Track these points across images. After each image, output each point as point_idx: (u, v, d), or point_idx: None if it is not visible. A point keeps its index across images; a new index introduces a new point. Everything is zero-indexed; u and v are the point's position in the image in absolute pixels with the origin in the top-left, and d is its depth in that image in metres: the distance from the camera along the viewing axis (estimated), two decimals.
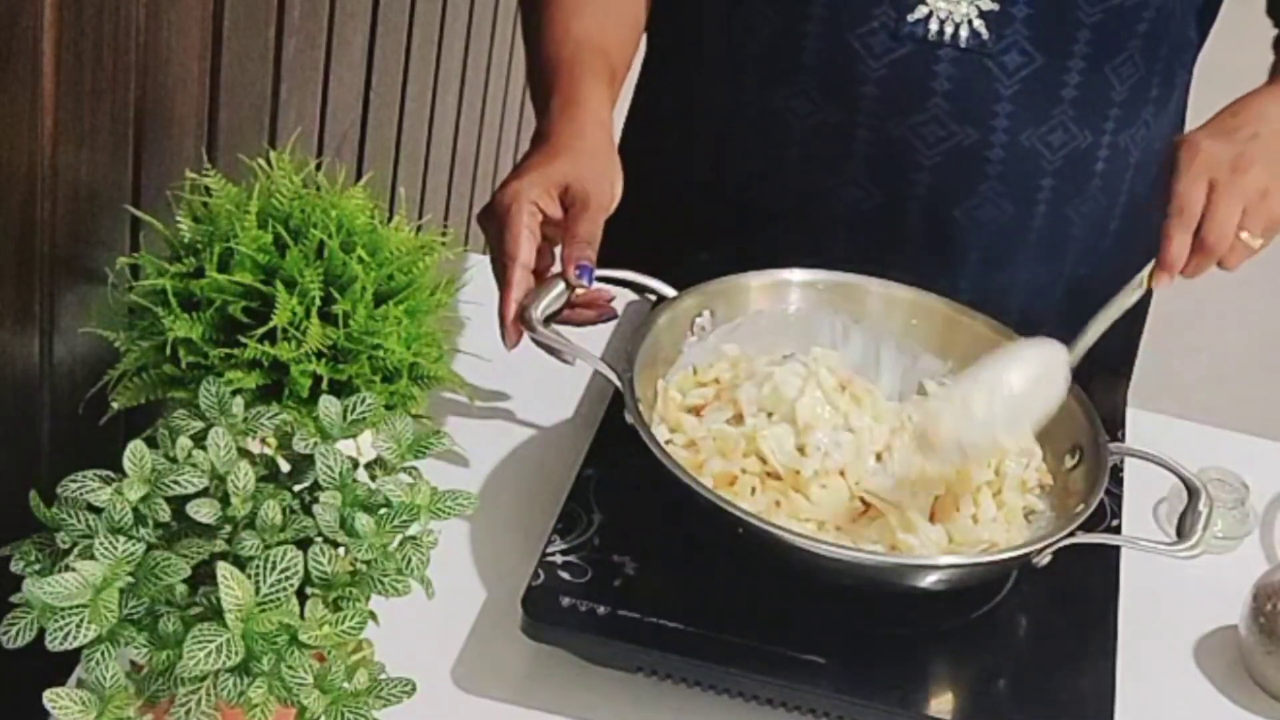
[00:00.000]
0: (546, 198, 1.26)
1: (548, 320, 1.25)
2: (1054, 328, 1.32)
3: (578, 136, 1.30)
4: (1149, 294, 1.66)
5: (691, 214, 1.57)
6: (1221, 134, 1.33)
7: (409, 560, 1.01)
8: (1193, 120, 1.46)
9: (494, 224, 1.26)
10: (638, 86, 1.62)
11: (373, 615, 0.99)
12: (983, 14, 1.39)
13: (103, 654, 0.94)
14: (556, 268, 1.27)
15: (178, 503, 0.99)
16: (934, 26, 1.40)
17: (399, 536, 1.02)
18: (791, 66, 1.44)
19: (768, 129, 1.48)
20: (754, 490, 1.24)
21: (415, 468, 1.06)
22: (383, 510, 1.01)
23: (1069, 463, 1.29)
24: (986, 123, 1.43)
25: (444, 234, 1.20)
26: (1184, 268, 1.31)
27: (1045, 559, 1.20)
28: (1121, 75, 1.44)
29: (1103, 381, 1.41)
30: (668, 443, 1.26)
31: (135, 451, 0.99)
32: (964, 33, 1.39)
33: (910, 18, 1.40)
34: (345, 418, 1.06)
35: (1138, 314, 1.66)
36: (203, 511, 0.98)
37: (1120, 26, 1.42)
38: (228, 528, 1.00)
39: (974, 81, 1.41)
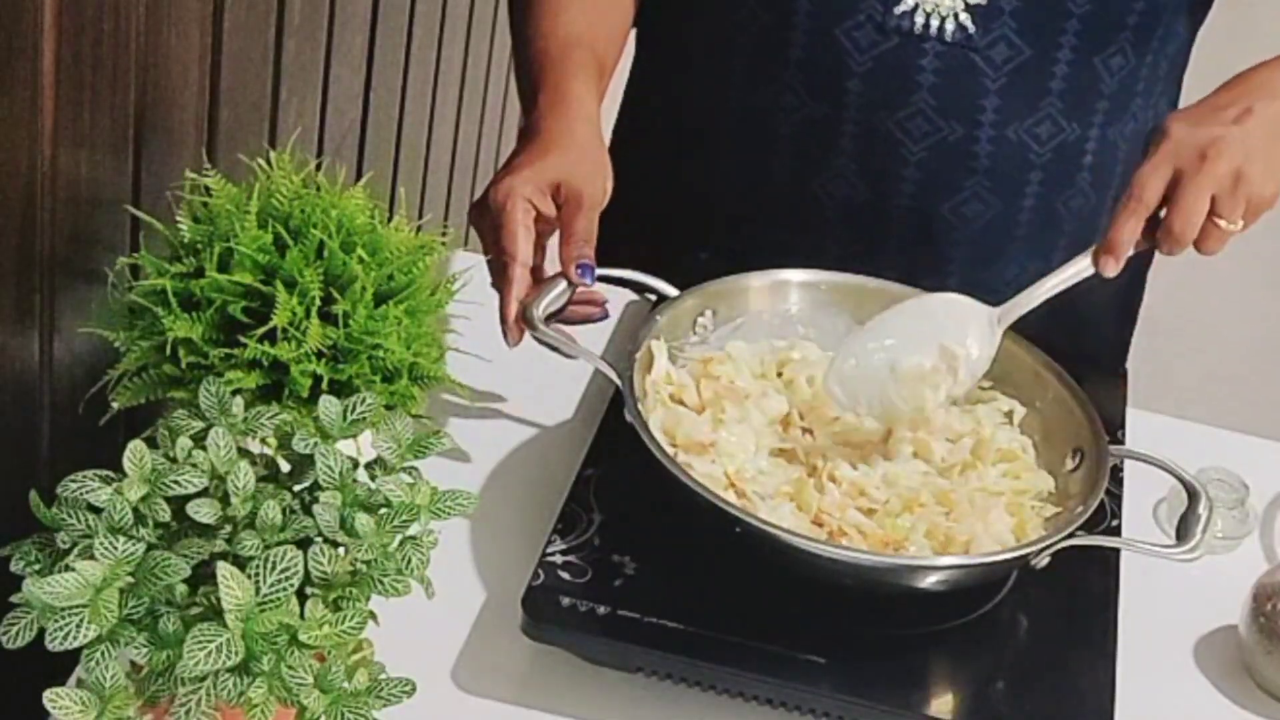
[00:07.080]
0: (540, 195, 1.26)
1: (548, 319, 1.25)
2: (1042, 323, 1.31)
3: (567, 133, 1.30)
4: (1141, 291, 1.66)
5: (680, 211, 1.57)
6: (1201, 117, 1.30)
7: (409, 560, 1.01)
8: None
9: (489, 222, 1.26)
10: (627, 86, 1.62)
11: (373, 615, 0.99)
12: (969, 7, 1.39)
13: (103, 654, 0.94)
14: (551, 266, 1.27)
15: (178, 503, 0.99)
16: (920, 20, 1.40)
17: (399, 536, 1.02)
18: (778, 62, 1.44)
19: (755, 125, 1.48)
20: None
21: (415, 468, 1.06)
22: (383, 510, 1.01)
23: (1069, 464, 1.29)
24: (973, 117, 1.43)
25: (444, 234, 1.21)
26: (1163, 249, 1.29)
27: (1045, 560, 1.20)
28: (1111, 68, 1.44)
29: (1102, 382, 1.41)
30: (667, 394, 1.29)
31: (135, 451, 0.99)
32: (950, 26, 1.39)
33: (897, 10, 1.40)
34: (345, 418, 1.06)
35: (1129, 312, 1.66)
36: (203, 511, 0.98)
37: (1110, 17, 1.41)
38: (228, 528, 1.00)
39: (960, 76, 1.41)
